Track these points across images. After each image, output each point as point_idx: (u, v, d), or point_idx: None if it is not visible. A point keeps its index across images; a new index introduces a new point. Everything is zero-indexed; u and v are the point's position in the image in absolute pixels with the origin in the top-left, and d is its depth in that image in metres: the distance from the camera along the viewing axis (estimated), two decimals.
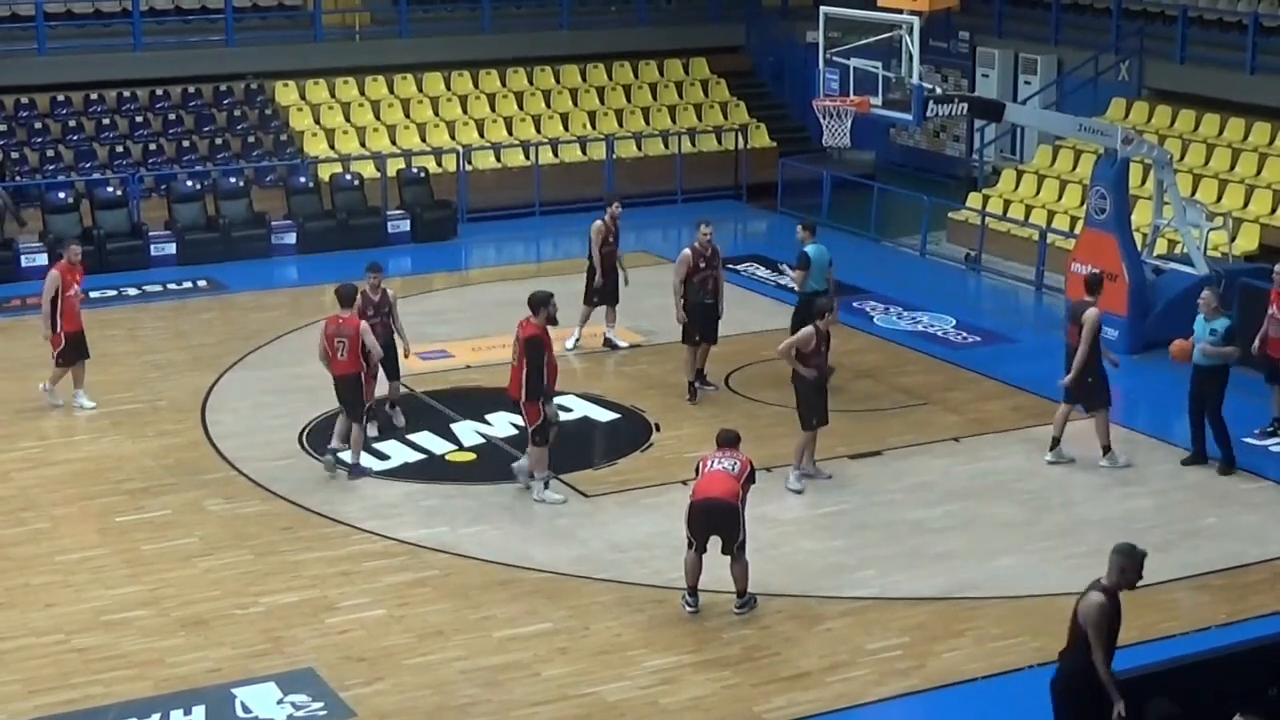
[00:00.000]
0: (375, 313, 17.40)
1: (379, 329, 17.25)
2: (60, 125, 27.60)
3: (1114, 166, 20.94)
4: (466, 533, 15.49)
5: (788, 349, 16.56)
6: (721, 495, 13.53)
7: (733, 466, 13.71)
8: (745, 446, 13.93)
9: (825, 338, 16.62)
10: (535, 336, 15.88)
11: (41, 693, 12.60)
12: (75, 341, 18.77)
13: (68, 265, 18.87)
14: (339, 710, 12.37)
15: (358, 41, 30.38)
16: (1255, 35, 25.56)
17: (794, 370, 16.44)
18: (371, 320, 17.17)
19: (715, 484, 13.61)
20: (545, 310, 15.97)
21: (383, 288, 17.67)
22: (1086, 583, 14.36)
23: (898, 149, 31.91)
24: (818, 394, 16.51)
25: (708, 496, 13.59)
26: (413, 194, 27.23)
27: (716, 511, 13.54)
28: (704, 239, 18.93)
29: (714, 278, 19.02)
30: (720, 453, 13.87)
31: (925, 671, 12.96)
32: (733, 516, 13.53)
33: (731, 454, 13.84)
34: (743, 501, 13.63)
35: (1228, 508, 16.14)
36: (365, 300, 17.29)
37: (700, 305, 18.94)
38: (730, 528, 13.57)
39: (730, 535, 13.59)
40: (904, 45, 20.53)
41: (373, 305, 17.42)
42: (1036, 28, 29.70)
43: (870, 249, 26.32)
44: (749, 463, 13.84)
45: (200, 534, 15.46)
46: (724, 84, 31.74)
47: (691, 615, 13.72)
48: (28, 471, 17.04)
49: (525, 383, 15.85)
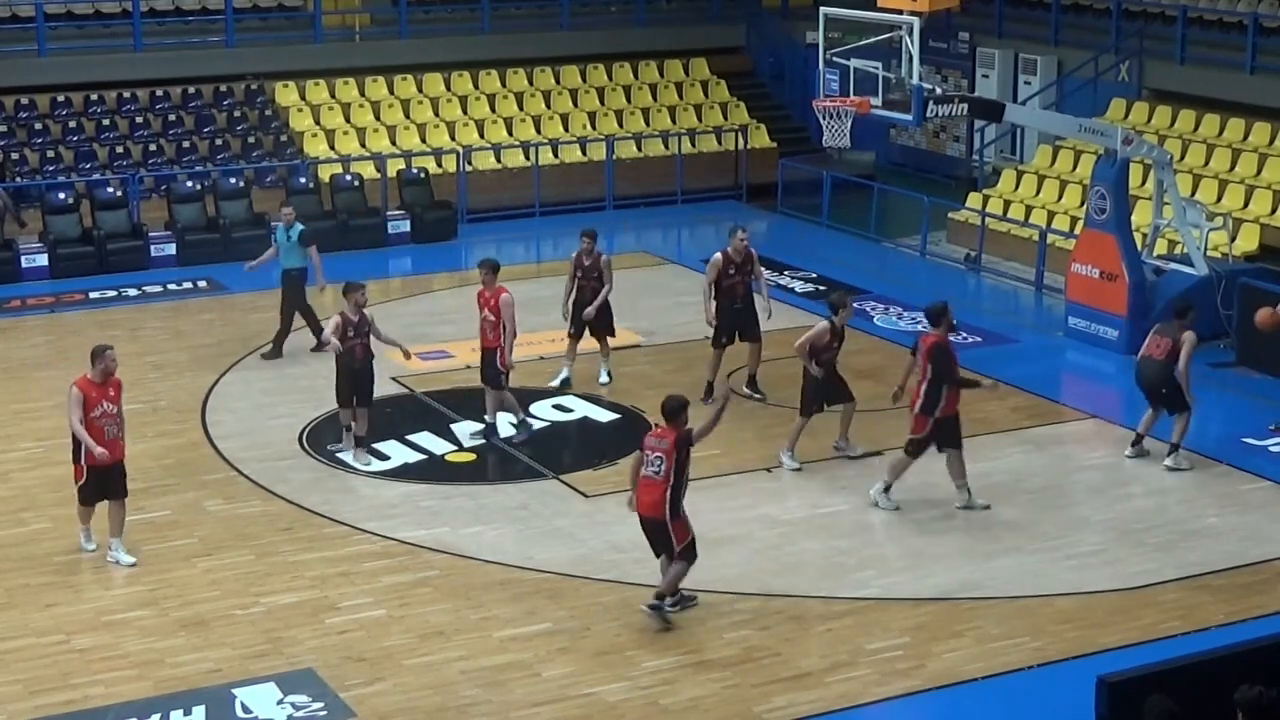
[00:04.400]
0: (356, 334, 16.89)
1: (359, 351, 16.89)
2: (60, 126, 27.61)
3: (1114, 167, 20.94)
4: (466, 533, 15.49)
5: (804, 345, 16.71)
6: (649, 512, 13.34)
7: (659, 468, 13.24)
8: (746, 446, 13.92)
9: (840, 333, 16.80)
10: (939, 346, 15.64)
11: (41, 693, 12.59)
12: (101, 477, 14.58)
13: (89, 380, 14.47)
14: (339, 710, 12.37)
15: (358, 42, 30.37)
16: (1255, 35, 25.56)
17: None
18: (351, 342, 16.81)
19: (643, 496, 13.37)
20: (947, 319, 15.78)
21: (363, 308, 17.00)
22: (1086, 583, 14.47)
23: (898, 149, 31.92)
24: (823, 385, 16.80)
25: (640, 512, 13.47)
26: (413, 194, 27.24)
27: (648, 529, 13.49)
28: (739, 244, 18.77)
29: (744, 283, 18.82)
30: (656, 435, 13.46)
31: (925, 672, 12.95)
32: (662, 531, 13.36)
33: (665, 435, 13.34)
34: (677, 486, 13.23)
35: (1228, 508, 16.14)
36: (345, 322, 16.85)
37: (730, 310, 18.81)
38: (663, 541, 13.46)
39: (665, 548, 13.51)
40: (904, 46, 20.53)
41: (353, 326, 16.88)
42: (1036, 28, 29.70)
43: (870, 249, 26.32)
44: (676, 439, 13.26)
45: (200, 534, 15.46)
46: (724, 84, 31.74)
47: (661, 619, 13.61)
48: (28, 471, 17.03)
49: (923, 396, 15.61)
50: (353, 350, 16.84)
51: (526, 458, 17.42)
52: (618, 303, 20.25)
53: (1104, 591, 14.29)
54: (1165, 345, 16.77)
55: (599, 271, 19.02)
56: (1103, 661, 12.60)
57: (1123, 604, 14.08)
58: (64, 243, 24.78)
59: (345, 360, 16.90)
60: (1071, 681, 12.31)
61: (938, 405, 15.59)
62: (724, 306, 18.85)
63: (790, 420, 17.27)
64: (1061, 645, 13.34)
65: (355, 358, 16.90)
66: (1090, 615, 13.86)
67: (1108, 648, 13.23)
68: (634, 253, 26.47)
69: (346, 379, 17.01)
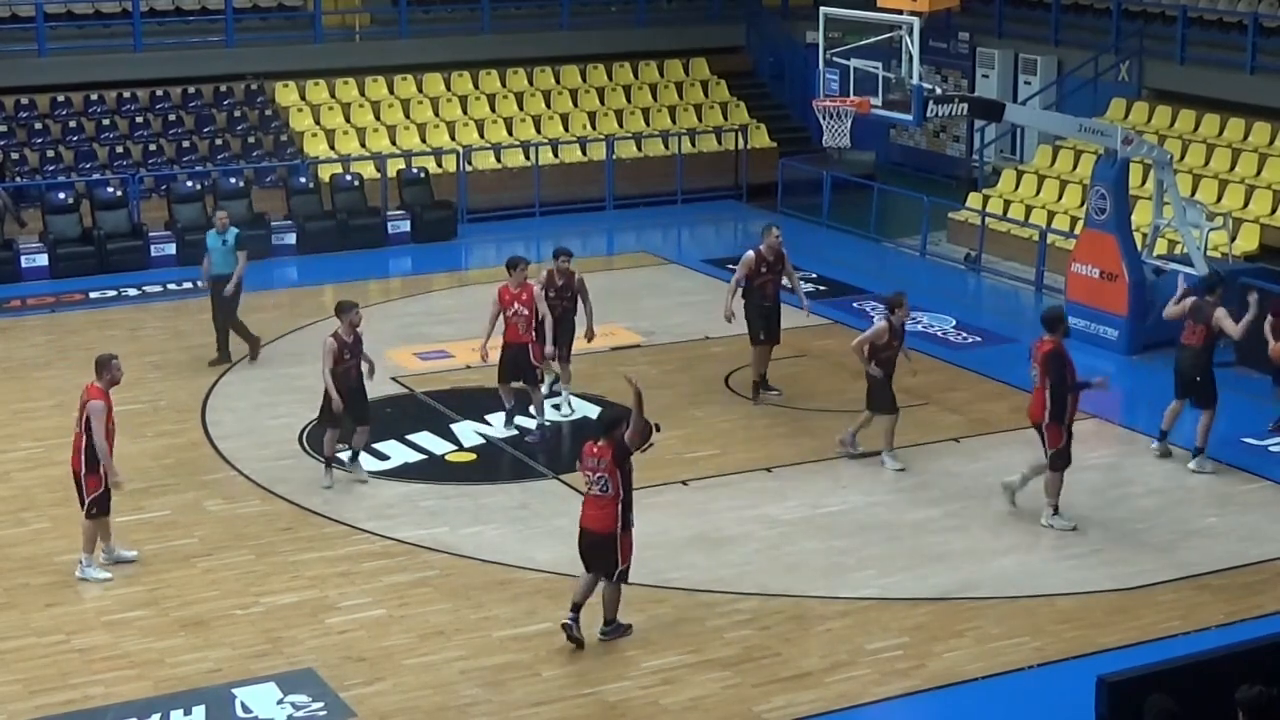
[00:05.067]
0: (352, 355, 16.34)
1: (354, 372, 16.39)
2: (60, 126, 27.60)
3: (1114, 167, 20.94)
4: (466, 533, 15.49)
5: (861, 344, 16.72)
6: (599, 527, 12.96)
7: (603, 486, 12.86)
8: (745, 447, 13.89)
9: (899, 332, 16.80)
10: (1054, 352, 15.24)
11: (41, 693, 12.59)
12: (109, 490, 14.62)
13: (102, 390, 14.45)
14: (339, 710, 12.37)
15: (358, 42, 30.36)
16: (1255, 35, 25.56)
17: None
18: (348, 363, 16.28)
19: (593, 512, 12.98)
20: (1063, 325, 15.49)
21: (357, 328, 16.38)
22: (1086, 583, 14.47)
23: (898, 149, 31.92)
24: (886, 385, 16.80)
25: (583, 527, 13.09)
26: (413, 194, 27.24)
27: (592, 544, 13.05)
28: (773, 242, 18.70)
29: (775, 282, 18.72)
30: (593, 454, 12.93)
31: (925, 671, 12.95)
32: (608, 547, 12.96)
33: (602, 453, 12.87)
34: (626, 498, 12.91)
35: (1228, 508, 16.14)
36: (340, 344, 16.21)
37: (760, 308, 18.75)
38: (605, 558, 13.03)
39: (607, 566, 13.07)
40: (904, 46, 20.53)
41: (349, 347, 16.30)
42: (1036, 28, 29.70)
43: (870, 249, 26.31)
44: (614, 455, 12.82)
45: (200, 534, 15.45)
46: (724, 84, 31.73)
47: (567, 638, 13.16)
48: (28, 471, 17.03)
49: (1049, 404, 15.18)
50: (349, 371, 16.36)
51: (526, 457, 17.43)
52: (618, 303, 20.37)
53: (1104, 591, 14.28)
54: (1200, 332, 16.65)
55: (572, 291, 18.45)
56: (1103, 661, 12.60)
57: (1123, 604, 14.08)
58: (64, 243, 24.77)
59: (342, 382, 16.28)
60: (1071, 681, 12.30)
61: (1066, 412, 15.17)
62: (755, 304, 18.75)
63: (790, 420, 17.26)
64: (1061, 645, 13.34)
65: (351, 378, 16.40)
66: (1090, 615, 13.86)
67: (1108, 648, 13.22)
68: (634, 253, 26.49)
69: (345, 402, 16.34)
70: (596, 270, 25.11)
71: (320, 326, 22.06)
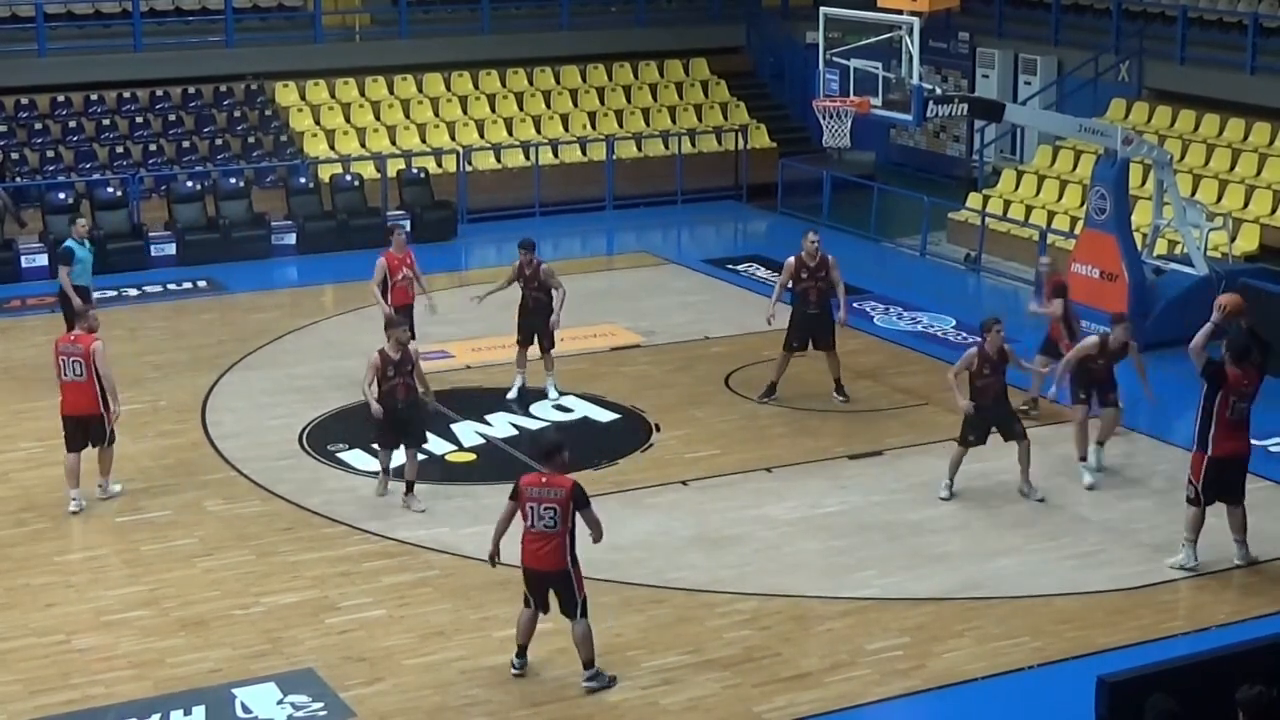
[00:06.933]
0: (397, 373, 15.78)
1: (401, 390, 15.81)
2: (60, 126, 27.61)
3: (1114, 167, 20.95)
4: (466, 533, 15.46)
5: (954, 375, 16.10)
6: (549, 565, 12.29)
7: (552, 521, 12.17)
8: (745, 447, 13.89)
9: (990, 358, 15.79)
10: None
11: (41, 693, 12.59)
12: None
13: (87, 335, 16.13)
14: (339, 710, 12.36)
15: (358, 42, 30.38)
16: (1255, 35, 25.57)
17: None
18: (393, 381, 15.74)
19: (537, 549, 12.27)
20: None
21: (405, 345, 15.91)
22: (1087, 583, 14.46)
23: (898, 149, 31.93)
24: (977, 415, 15.97)
25: (529, 567, 12.40)
26: (413, 194, 27.25)
27: (547, 580, 12.42)
28: (811, 247, 18.55)
29: (818, 289, 18.51)
30: (540, 485, 12.27)
31: (925, 671, 12.95)
32: (564, 582, 12.36)
33: (549, 483, 12.24)
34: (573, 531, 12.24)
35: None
36: (384, 360, 15.78)
37: (803, 315, 18.61)
38: (563, 595, 12.44)
39: (567, 604, 12.47)
40: (904, 46, 20.53)
41: (393, 365, 15.78)
42: (1036, 28, 29.72)
43: (870, 249, 26.31)
44: (571, 487, 12.21)
45: (200, 534, 15.45)
46: (724, 84, 31.73)
47: (516, 678, 12.71)
48: (28, 471, 17.03)
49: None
50: (394, 390, 15.84)
51: (525, 457, 17.42)
52: (618, 303, 20.36)
53: (1104, 591, 14.28)
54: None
55: (539, 281, 18.55)
56: (1103, 661, 12.59)
57: (1123, 604, 14.08)
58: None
59: (387, 401, 15.76)
60: (1071, 681, 12.30)
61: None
62: (798, 310, 18.64)
63: (789, 420, 17.25)
64: (1061, 645, 13.34)
65: (397, 398, 15.88)
66: (1090, 615, 13.86)
67: (1108, 648, 13.22)
68: (634, 253, 26.50)
69: (390, 420, 15.84)
70: (597, 270, 25.16)
71: (320, 326, 22.17)
